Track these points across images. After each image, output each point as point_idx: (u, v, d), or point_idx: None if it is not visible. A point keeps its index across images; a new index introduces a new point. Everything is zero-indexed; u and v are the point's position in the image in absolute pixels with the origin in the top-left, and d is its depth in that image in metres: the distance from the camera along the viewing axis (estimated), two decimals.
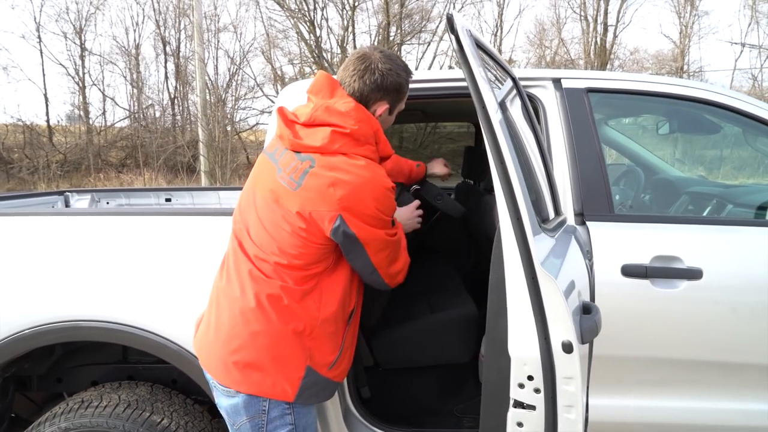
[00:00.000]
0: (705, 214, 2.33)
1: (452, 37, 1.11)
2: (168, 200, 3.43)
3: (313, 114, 1.43)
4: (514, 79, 1.74)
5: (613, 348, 1.73)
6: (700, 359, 1.78)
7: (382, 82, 1.46)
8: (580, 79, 1.99)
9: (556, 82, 1.98)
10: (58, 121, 17.67)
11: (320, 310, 1.42)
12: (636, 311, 1.75)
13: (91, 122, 16.99)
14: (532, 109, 1.87)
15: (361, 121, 1.42)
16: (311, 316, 1.41)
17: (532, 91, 1.96)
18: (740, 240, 1.81)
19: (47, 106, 17.08)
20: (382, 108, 1.51)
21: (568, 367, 1.04)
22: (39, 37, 16.83)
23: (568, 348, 1.03)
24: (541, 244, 1.12)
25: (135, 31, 23.68)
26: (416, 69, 3.19)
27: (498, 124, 1.07)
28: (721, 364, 1.78)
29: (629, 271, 1.74)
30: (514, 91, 1.71)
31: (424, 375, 2.25)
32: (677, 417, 1.80)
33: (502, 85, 1.58)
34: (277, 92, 17.74)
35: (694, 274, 1.74)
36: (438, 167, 2.27)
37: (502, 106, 1.33)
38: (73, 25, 17.10)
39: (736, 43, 17.18)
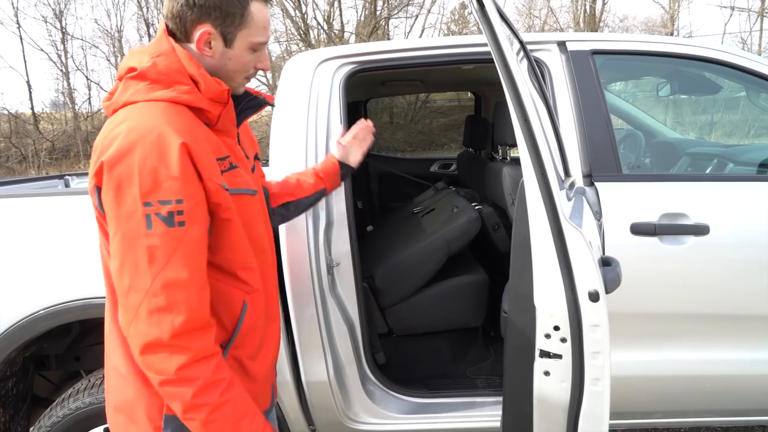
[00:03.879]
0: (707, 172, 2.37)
1: None
2: None
3: (121, 63, 1.12)
4: (521, 42, 1.75)
5: (623, 305, 1.77)
6: (707, 312, 1.83)
7: None
8: (584, 41, 1.99)
9: (561, 45, 1.98)
10: (43, 109, 17.42)
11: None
12: (645, 268, 1.79)
13: (77, 108, 16.76)
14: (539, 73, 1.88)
15: (160, 55, 1.06)
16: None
17: (537, 54, 1.96)
18: (745, 195, 1.84)
19: (30, 93, 16.83)
20: (201, 32, 1.07)
21: (594, 315, 1.08)
22: (18, 22, 16.49)
23: (594, 297, 1.07)
24: (564, 199, 1.14)
25: (116, 14, 23.25)
26: None
27: (520, 78, 1.08)
28: (728, 316, 1.83)
29: (638, 230, 1.78)
30: (522, 53, 1.72)
31: (437, 340, 2.30)
32: (684, 369, 1.85)
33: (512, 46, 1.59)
34: (263, 71, 17.50)
35: (701, 230, 1.78)
36: (355, 155, 1.67)
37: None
38: (53, 9, 16.76)
39: (725, 7, 17.12)
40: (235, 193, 1.08)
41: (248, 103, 1.20)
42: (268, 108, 1.35)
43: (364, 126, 1.69)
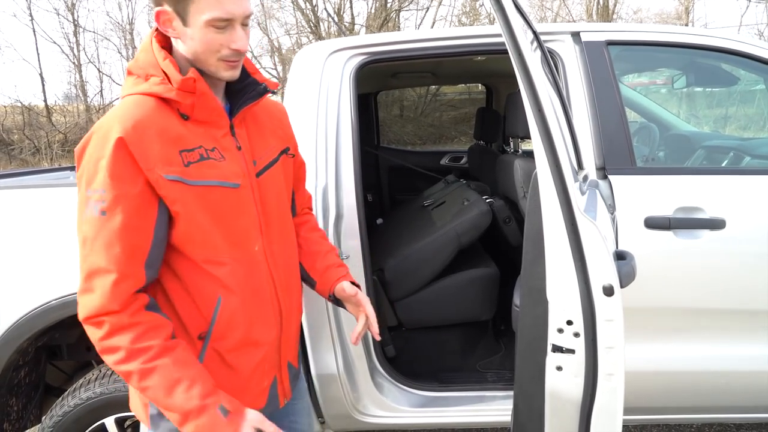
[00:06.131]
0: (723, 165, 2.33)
1: None
2: None
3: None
4: (534, 32, 1.72)
5: (637, 299, 1.75)
6: (722, 307, 1.80)
7: None
8: (599, 32, 1.96)
9: (575, 35, 1.95)
10: (56, 101, 17.55)
11: None
12: (659, 262, 1.76)
13: (89, 101, 16.87)
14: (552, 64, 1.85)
15: (142, 50, 1.10)
16: None
17: (550, 45, 1.93)
18: (763, 189, 1.80)
19: (44, 85, 16.98)
20: (162, 12, 1.05)
21: (608, 309, 1.06)
22: (31, 14, 16.61)
23: (609, 291, 1.05)
24: (578, 191, 1.12)
25: (128, 6, 23.32)
26: None
27: (534, 67, 1.06)
28: (744, 311, 1.81)
29: (652, 223, 1.75)
30: (535, 44, 1.69)
31: (447, 333, 2.29)
32: (699, 364, 1.83)
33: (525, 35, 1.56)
34: (275, 64, 17.50)
35: (717, 224, 1.75)
36: (349, 307, 1.38)
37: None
38: (65, 2, 16.84)
39: None
40: (198, 184, 1.06)
41: (250, 93, 1.17)
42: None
43: (371, 325, 1.33)
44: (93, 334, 1.03)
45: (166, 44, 1.11)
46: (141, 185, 1.01)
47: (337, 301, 1.38)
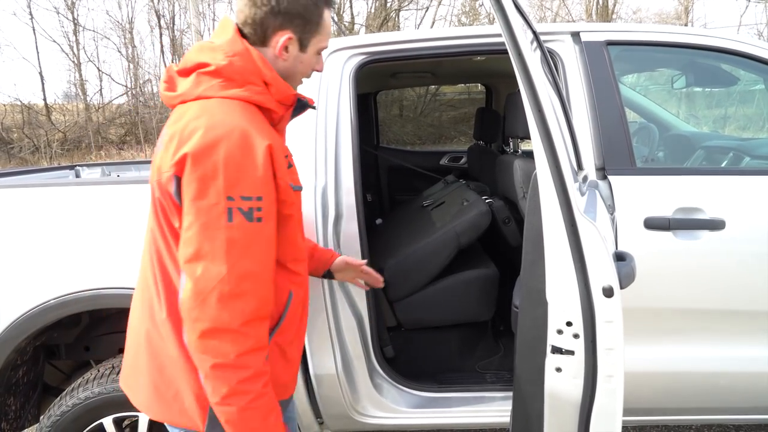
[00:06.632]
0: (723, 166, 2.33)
1: None
2: None
3: (186, 56, 1.16)
4: (534, 32, 1.72)
5: (636, 300, 1.75)
6: (722, 308, 1.80)
7: (278, 3, 1.13)
8: (599, 32, 1.95)
9: (575, 35, 1.94)
10: (55, 100, 17.53)
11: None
12: (659, 263, 1.76)
13: (88, 99, 16.85)
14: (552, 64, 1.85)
15: (235, 55, 1.11)
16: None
17: (550, 45, 1.93)
18: (762, 189, 1.80)
19: (43, 84, 16.95)
20: (284, 39, 1.15)
21: (608, 311, 1.06)
22: (31, 13, 16.59)
23: (608, 292, 1.05)
24: (577, 192, 1.12)
25: (128, 4, 23.33)
26: None
27: (534, 67, 1.06)
28: (744, 312, 1.80)
29: (652, 224, 1.75)
30: (535, 44, 1.69)
31: (446, 334, 2.29)
32: (698, 365, 1.83)
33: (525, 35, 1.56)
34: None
35: (716, 225, 1.74)
36: (344, 275, 1.70)
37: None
38: (65, 0, 16.81)
39: None
40: (297, 189, 1.15)
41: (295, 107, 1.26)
42: None
43: (374, 279, 1.73)
44: (229, 347, 0.99)
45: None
46: (275, 191, 1.07)
47: (329, 274, 1.63)
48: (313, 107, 1.30)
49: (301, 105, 1.24)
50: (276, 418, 1.06)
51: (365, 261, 1.71)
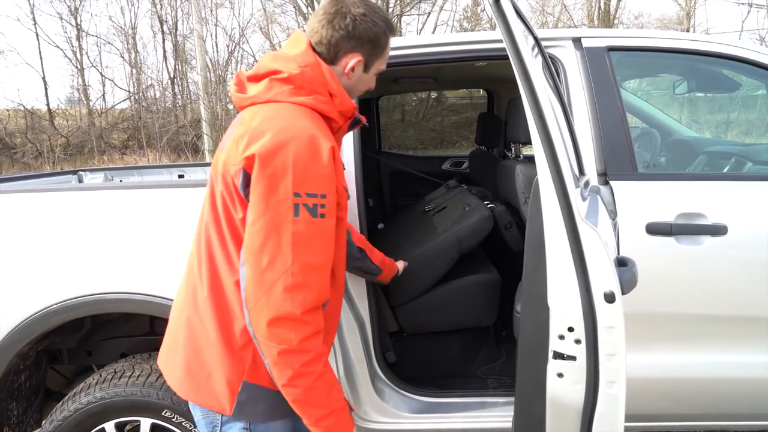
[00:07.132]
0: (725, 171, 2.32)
1: None
2: (181, 176, 3.43)
3: (259, 64, 1.26)
4: (536, 38, 1.72)
5: (638, 306, 1.75)
6: (724, 314, 1.80)
7: (354, 28, 1.23)
8: (600, 37, 1.96)
9: (576, 41, 1.95)
10: (58, 105, 17.60)
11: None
12: (661, 268, 1.76)
13: (91, 105, 16.91)
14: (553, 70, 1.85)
15: (307, 66, 1.20)
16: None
17: (551, 51, 1.93)
18: (765, 195, 1.80)
19: (46, 89, 17.02)
20: (354, 60, 1.26)
21: (610, 316, 1.06)
22: (34, 19, 16.67)
23: (610, 298, 1.05)
24: (579, 197, 1.12)
25: (131, 10, 23.45)
26: None
27: (535, 73, 1.06)
28: (746, 318, 1.80)
29: (654, 229, 1.75)
30: (536, 50, 1.70)
31: (448, 339, 2.29)
32: (700, 371, 1.82)
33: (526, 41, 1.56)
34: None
35: (718, 230, 1.74)
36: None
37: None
38: (68, 6, 16.89)
39: (743, 4, 16.79)
40: (347, 194, 1.24)
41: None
42: None
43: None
44: (293, 333, 1.07)
45: None
46: (335, 191, 1.14)
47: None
48: (366, 125, 1.39)
49: (355, 121, 1.33)
50: (337, 393, 1.15)
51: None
